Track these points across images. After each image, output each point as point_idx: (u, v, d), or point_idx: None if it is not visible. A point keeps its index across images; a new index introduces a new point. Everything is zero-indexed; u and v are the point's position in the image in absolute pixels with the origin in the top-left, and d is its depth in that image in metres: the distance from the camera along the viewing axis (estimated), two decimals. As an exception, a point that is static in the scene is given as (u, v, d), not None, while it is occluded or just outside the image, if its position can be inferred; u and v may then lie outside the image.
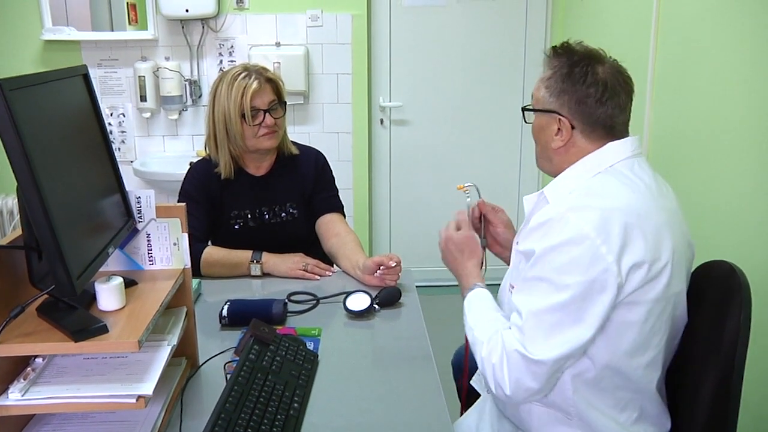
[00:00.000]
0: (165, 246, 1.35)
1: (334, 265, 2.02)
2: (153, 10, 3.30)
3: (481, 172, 3.76)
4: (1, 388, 1.07)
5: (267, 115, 1.95)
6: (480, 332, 1.35)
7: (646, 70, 2.33)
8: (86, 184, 1.19)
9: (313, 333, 1.59)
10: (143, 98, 3.35)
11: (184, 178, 2.06)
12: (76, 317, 1.08)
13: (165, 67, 3.33)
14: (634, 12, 2.50)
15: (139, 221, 1.33)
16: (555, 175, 1.39)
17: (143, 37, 3.34)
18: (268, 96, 1.96)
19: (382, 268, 1.81)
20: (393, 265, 1.80)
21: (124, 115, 3.46)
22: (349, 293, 1.72)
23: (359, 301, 1.69)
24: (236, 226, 2.06)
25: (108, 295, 1.14)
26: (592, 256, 1.20)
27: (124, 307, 1.15)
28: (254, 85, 1.92)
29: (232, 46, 3.41)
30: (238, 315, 1.61)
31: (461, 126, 3.72)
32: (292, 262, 1.93)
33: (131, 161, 3.42)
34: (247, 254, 1.94)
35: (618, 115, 1.34)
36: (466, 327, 1.42)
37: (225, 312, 1.62)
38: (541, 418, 1.35)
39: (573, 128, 1.34)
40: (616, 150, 1.34)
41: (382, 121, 3.71)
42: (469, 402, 1.67)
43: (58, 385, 1.09)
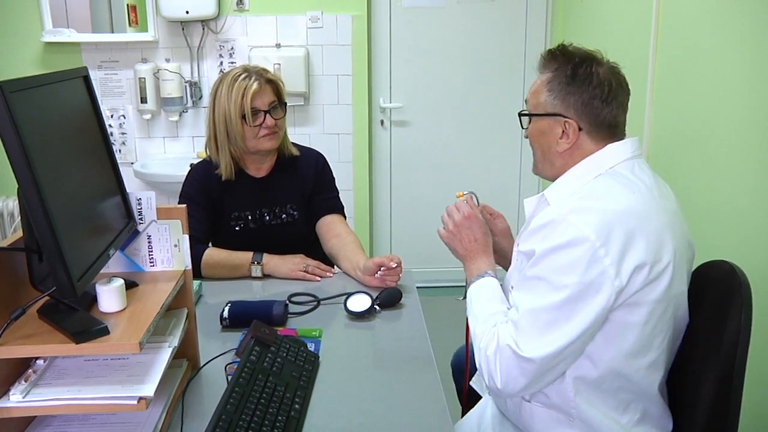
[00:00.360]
0: (166, 247, 1.35)
1: (335, 267, 2.02)
2: (153, 12, 3.30)
3: (482, 173, 3.77)
4: (2, 390, 1.08)
5: (267, 115, 1.95)
6: (481, 324, 1.35)
7: (646, 70, 2.33)
8: (87, 185, 1.19)
9: (314, 334, 1.59)
10: (144, 100, 3.35)
11: (184, 180, 2.06)
12: (77, 319, 1.08)
13: (165, 69, 3.34)
14: (634, 12, 2.50)
15: (140, 223, 1.34)
16: (555, 179, 1.38)
17: (143, 39, 3.34)
18: (268, 97, 1.96)
19: (382, 269, 1.81)
20: (394, 266, 1.80)
21: (125, 117, 3.47)
22: (349, 294, 1.72)
23: (360, 302, 1.69)
24: (237, 228, 2.06)
25: (109, 297, 1.14)
26: (591, 258, 1.20)
27: (125, 309, 1.16)
28: (254, 86, 1.92)
29: (233, 48, 3.41)
30: (239, 316, 1.61)
31: (461, 127, 3.72)
32: (293, 264, 1.93)
33: (132, 163, 3.42)
34: (247, 255, 1.94)
35: (620, 115, 1.35)
36: (470, 314, 1.41)
37: (226, 313, 1.62)
38: (542, 420, 1.35)
39: (580, 130, 1.34)
40: (616, 151, 1.34)
41: (382, 122, 3.71)
42: (470, 403, 1.67)
43: (59, 387, 1.09)
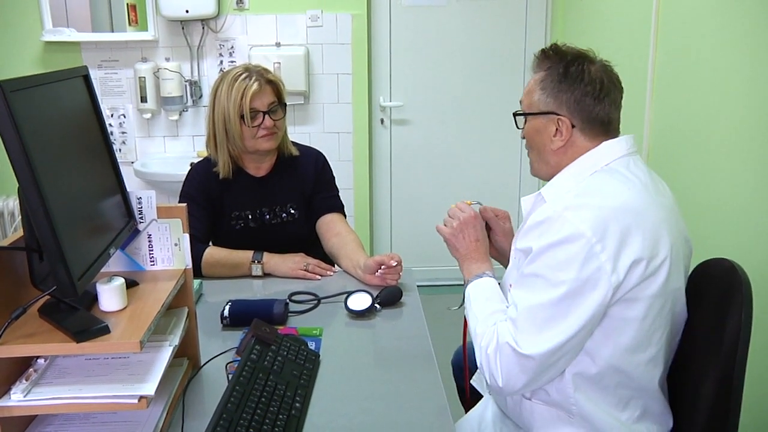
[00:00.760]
0: (166, 246, 1.35)
1: (335, 265, 2.02)
2: (153, 11, 3.30)
3: (482, 171, 3.77)
4: (4, 389, 1.08)
5: (266, 116, 1.95)
6: (481, 323, 1.35)
7: (646, 69, 2.33)
8: (87, 185, 1.19)
9: (315, 333, 1.59)
10: (144, 99, 3.35)
11: (184, 180, 2.06)
12: (78, 318, 1.08)
13: (165, 68, 3.34)
14: (634, 12, 2.50)
15: (140, 222, 1.33)
16: (551, 178, 1.39)
17: (143, 38, 3.34)
18: (268, 97, 1.96)
19: (383, 267, 1.81)
20: (394, 265, 1.80)
21: (125, 116, 3.47)
22: (350, 293, 1.72)
23: (360, 301, 1.69)
24: (237, 227, 2.06)
25: (109, 296, 1.14)
26: (587, 254, 1.20)
27: (125, 308, 1.15)
28: (254, 87, 1.92)
29: (233, 47, 3.41)
30: (240, 315, 1.61)
31: (462, 125, 3.72)
32: (293, 262, 1.93)
33: (132, 162, 3.42)
34: (248, 254, 1.94)
35: (613, 112, 1.36)
36: (470, 314, 1.42)
37: (226, 312, 1.62)
38: (543, 417, 1.36)
39: (573, 127, 1.34)
40: (611, 148, 1.34)
41: (382, 121, 3.71)
42: (471, 402, 1.67)
43: (60, 386, 1.09)
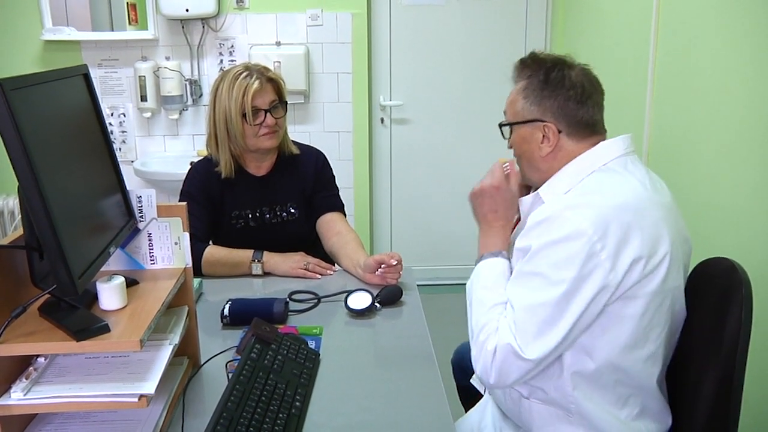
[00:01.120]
0: (166, 245, 1.35)
1: (335, 264, 2.02)
2: (153, 10, 3.30)
3: (482, 170, 3.73)
4: (4, 388, 1.08)
5: (268, 114, 1.95)
6: (485, 313, 1.33)
7: (646, 70, 2.33)
8: (87, 183, 1.19)
9: (315, 332, 1.59)
10: (144, 98, 3.35)
11: (185, 179, 2.06)
12: (78, 317, 1.08)
13: (165, 67, 3.33)
14: (634, 12, 2.50)
15: (141, 221, 1.33)
16: (542, 184, 1.39)
17: (143, 37, 3.34)
18: (269, 96, 1.96)
19: (383, 266, 1.81)
20: (394, 264, 1.80)
21: (125, 115, 3.47)
22: (350, 292, 1.72)
23: (360, 300, 1.69)
24: (237, 226, 2.06)
25: (109, 295, 1.14)
26: (588, 252, 1.20)
27: (125, 307, 1.15)
28: (255, 85, 1.92)
29: (233, 46, 3.41)
30: (240, 314, 1.61)
31: (462, 124, 3.72)
32: (294, 261, 1.93)
33: (132, 161, 3.42)
34: (248, 253, 1.94)
35: (597, 114, 1.38)
36: (473, 293, 1.39)
37: (226, 311, 1.62)
38: (542, 416, 1.36)
39: (560, 132, 1.35)
40: (608, 148, 1.35)
41: (382, 120, 3.71)
42: (470, 401, 1.67)
43: (60, 385, 1.09)
